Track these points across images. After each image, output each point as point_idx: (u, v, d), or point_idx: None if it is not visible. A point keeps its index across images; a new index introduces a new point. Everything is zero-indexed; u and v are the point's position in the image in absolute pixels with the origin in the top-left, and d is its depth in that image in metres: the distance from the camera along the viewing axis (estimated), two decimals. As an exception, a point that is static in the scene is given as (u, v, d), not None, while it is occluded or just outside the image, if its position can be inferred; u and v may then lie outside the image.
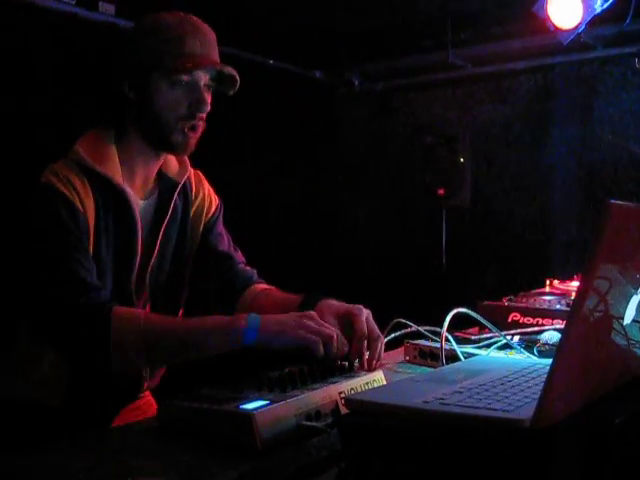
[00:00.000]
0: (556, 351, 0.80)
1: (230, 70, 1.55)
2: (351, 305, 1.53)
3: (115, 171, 1.53)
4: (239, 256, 1.79)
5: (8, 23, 3.42)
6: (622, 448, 0.77)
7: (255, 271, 1.79)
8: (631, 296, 0.99)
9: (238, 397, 1.15)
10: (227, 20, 4.29)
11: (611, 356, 0.98)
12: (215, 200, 1.79)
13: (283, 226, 4.58)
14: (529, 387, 0.96)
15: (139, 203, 1.59)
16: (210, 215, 1.76)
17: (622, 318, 0.98)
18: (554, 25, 3.04)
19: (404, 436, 0.83)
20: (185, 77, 1.51)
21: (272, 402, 1.11)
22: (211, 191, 1.79)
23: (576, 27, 3.00)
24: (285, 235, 4.54)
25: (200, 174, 1.78)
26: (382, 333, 1.66)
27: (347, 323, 1.49)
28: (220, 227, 1.79)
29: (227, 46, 4.28)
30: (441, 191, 4.11)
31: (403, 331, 1.67)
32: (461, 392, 0.93)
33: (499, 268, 4.45)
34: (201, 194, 1.75)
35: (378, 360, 1.45)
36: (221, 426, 1.10)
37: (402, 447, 0.83)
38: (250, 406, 1.09)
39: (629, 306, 0.99)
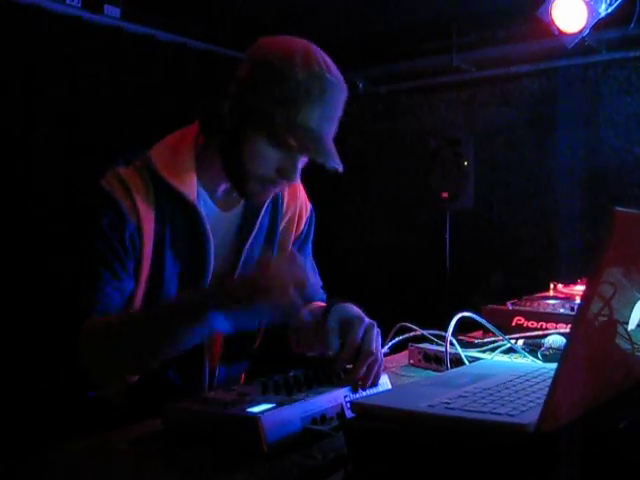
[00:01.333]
0: (561, 356, 0.81)
1: (334, 165, 1.40)
2: (358, 315, 1.41)
3: (190, 185, 1.44)
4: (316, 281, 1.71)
5: (15, 26, 3.44)
6: (625, 452, 0.77)
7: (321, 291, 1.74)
8: (636, 301, 0.99)
9: (244, 400, 1.15)
10: (232, 25, 4.31)
11: (615, 361, 0.99)
12: (306, 211, 1.68)
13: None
14: (533, 391, 0.96)
15: (219, 214, 1.50)
16: (299, 231, 1.67)
17: (627, 323, 0.98)
18: (558, 29, 3.05)
19: (410, 440, 0.84)
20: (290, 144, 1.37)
21: (278, 405, 1.12)
22: (305, 201, 1.68)
23: (580, 31, 3.00)
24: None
25: (295, 184, 1.62)
26: (387, 337, 1.67)
27: (346, 331, 1.39)
28: (308, 248, 1.70)
29: (232, 50, 4.31)
30: (445, 194, 4.11)
31: (407, 335, 1.68)
32: (466, 396, 0.94)
33: (503, 271, 4.45)
34: (292, 207, 1.64)
35: (367, 380, 1.28)
36: (227, 429, 1.10)
37: (408, 451, 0.84)
38: (256, 409, 1.10)
39: (634, 311, 0.99)
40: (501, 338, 1.59)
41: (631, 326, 1.00)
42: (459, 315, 1.53)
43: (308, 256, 1.71)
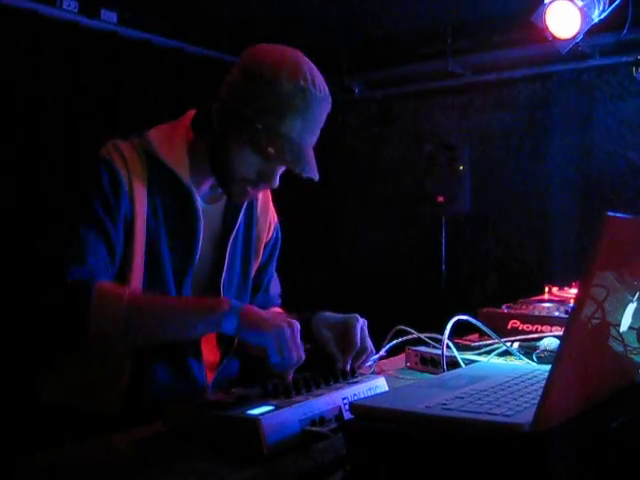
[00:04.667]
0: (555, 358, 0.83)
1: (311, 175, 1.46)
2: (347, 316, 1.53)
3: (185, 169, 1.49)
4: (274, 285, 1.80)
5: (12, 31, 3.45)
6: (618, 452, 0.79)
7: (277, 294, 1.80)
8: (627, 303, 1.01)
9: (243, 403, 1.17)
10: (229, 29, 4.34)
11: (608, 362, 1.01)
12: (274, 222, 1.76)
13: (282, 233, 4.59)
14: (528, 392, 0.98)
15: (204, 207, 1.54)
16: (269, 238, 1.74)
17: (619, 325, 1.00)
18: (552, 34, 3.07)
19: (408, 440, 0.86)
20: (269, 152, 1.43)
21: (277, 408, 1.13)
22: (273, 212, 1.75)
23: (574, 36, 3.02)
24: (284, 243, 4.55)
25: (268, 192, 1.72)
26: (384, 340, 1.70)
27: (341, 334, 1.49)
28: (275, 255, 1.78)
29: (229, 55, 4.33)
30: (441, 198, 4.13)
31: (404, 338, 1.69)
32: (462, 397, 0.95)
33: (498, 275, 4.47)
34: (264, 215, 1.71)
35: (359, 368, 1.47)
36: (227, 431, 1.12)
37: (406, 451, 0.85)
38: (256, 411, 1.11)
39: (625, 313, 1.01)
40: (497, 341, 1.61)
41: (623, 328, 1.02)
42: (455, 318, 1.55)
43: (273, 263, 1.79)
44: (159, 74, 4.12)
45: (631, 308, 1.02)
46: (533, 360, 1.53)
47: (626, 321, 1.02)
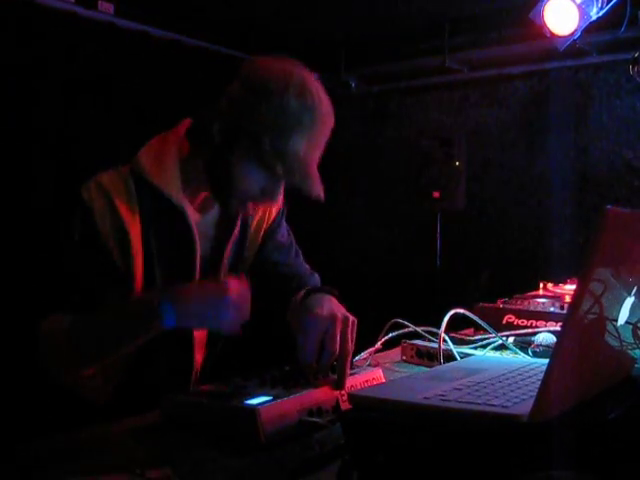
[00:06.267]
0: (553, 350, 0.83)
1: (318, 194, 1.46)
2: (333, 315, 1.36)
3: (177, 190, 1.46)
4: (298, 262, 1.74)
5: (8, 20, 3.44)
6: (615, 443, 0.80)
7: (310, 275, 1.74)
8: (624, 299, 1.02)
9: (242, 393, 1.18)
10: (227, 22, 4.33)
11: (605, 356, 1.02)
12: (276, 208, 1.71)
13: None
14: (526, 385, 0.99)
15: (197, 218, 1.53)
16: (270, 222, 1.70)
17: (615, 320, 1.01)
18: (550, 31, 3.08)
19: (406, 430, 0.87)
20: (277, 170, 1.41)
21: (275, 398, 1.14)
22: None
23: (572, 34, 3.03)
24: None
25: None
26: (379, 333, 1.70)
27: (323, 330, 1.35)
28: (280, 236, 1.73)
29: (226, 47, 4.32)
30: (436, 194, 4.13)
31: (400, 331, 1.70)
32: (460, 389, 0.96)
33: (493, 271, 4.48)
34: (262, 209, 1.68)
35: (342, 380, 1.27)
36: (225, 421, 1.13)
37: (404, 441, 0.86)
38: (254, 401, 1.12)
39: (622, 308, 1.02)
40: (492, 335, 1.62)
41: (620, 323, 1.03)
42: (452, 312, 1.56)
43: (281, 243, 1.73)
44: (156, 65, 4.11)
45: (628, 303, 1.03)
46: (529, 354, 1.54)
47: (623, 316, 1.03)
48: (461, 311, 1.57)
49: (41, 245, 1.48)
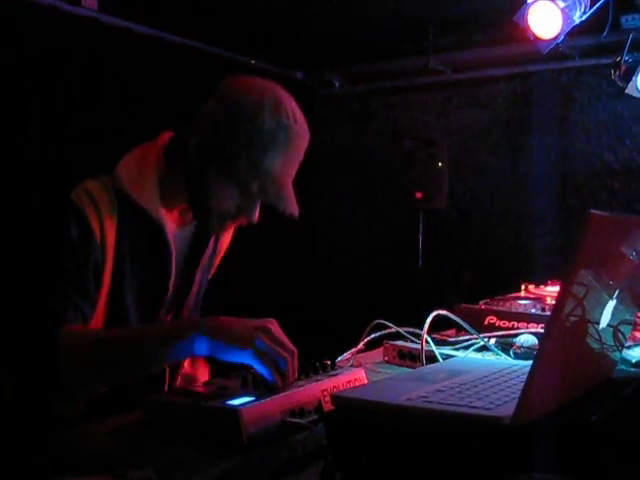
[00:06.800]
0: (537, 352, 0.84)
1: (292, 211, 1.45)
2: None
3: (155, 204, 1.45)
4: None
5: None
6: (598, 444, 0.81)
7: None
8: (606, 302, 1.03)
9: (224, 394, 1.17)
10: (211, 20, 4.31)
11: (586, 358, 1.02)
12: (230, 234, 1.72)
13: (260, 226, 4.59)
14: (508, 387, 0.99)
15: (175, 232, 1.52)
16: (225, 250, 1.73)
17: (597, 323, 1.02)
18: (534, 34, 3.09)
19: (389, 432, 0.87)
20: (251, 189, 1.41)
21: (258, 398, 1.14)
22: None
23: (555, 37, 3.04)
24: (261, 236, 4.55)
25: None
26: (361, 334, 1.70)
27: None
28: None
29: (210, 45, 4.31)
30: (419, 194, 4.15)
31: (382, 332, 1.70)
32: (443, 391, 0.97)
33: (474, 272, 4.51)
34: (224, 246, 1.72)
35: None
36: (207, 422, 1.12)
37: (387, 442, 0.86)
38: (236, 402, 1.12)
39: (604, 311, 1.03)
40: (474, 337, 1.63)
41: (601, 326, 1.03)
42: (434, 313, 1.56)
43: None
44: (139, 63, 4.09)
45: (610, 307, 1.03)
46: (510, 356, 1.55)
47: (605, 319, 1.03)
48: (443, 312, 1.57)
49: (34, 245, 1.42)
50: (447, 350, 1.61)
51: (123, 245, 1.43)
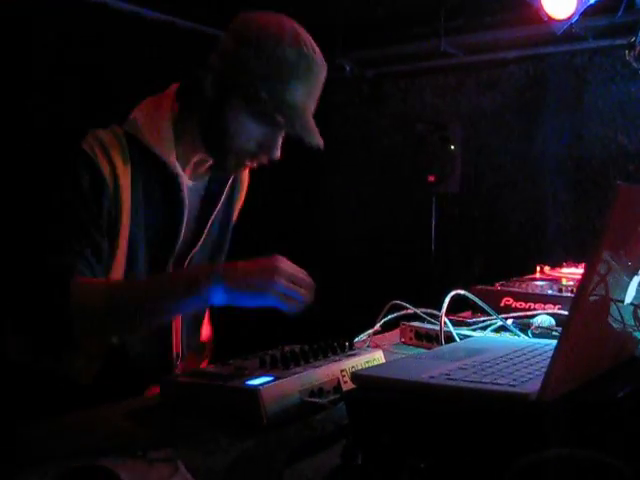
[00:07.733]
0: (562, 328, 0.83)
1: (318, 143, 1.43)
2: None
3: (170, 152, 1.43)
4: None
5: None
6: (623, 421, 0.80)
7: None
8: (630, 279, 1.01)
9: (242, 374, 1.16)
10: (221, 4, 4.28)
11: (609, 336, 1.01)
12: (245, 184, 1.72)
13: (272, 211, 4.59)
14: (530, 364, 0.98)
15: (189, 185, 1.50)
16: (240, 206, 1.73)
17: (621, 301, 1.00)
18: (547, 15, 3.05)
19: (412, 410, 0.86)
20: (278, 121, 1.39)
21: (277, 378, 1.13)
22: (247, 176, 1.71)
23: (569, 17, 3.00)
24: (274, 220, 4.55)
25: (245, 179, 1.71)
26: (377, 315, 1.69)
27: None
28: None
29: (221, 30, 4.28)
30: (431, 178, 4.14)
31: (399, 313, 1.69)
32: (465, 368, 0.95)
33: (488, 254, 4.49)
34: (244, 183, 1.71)
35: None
36: (226, 402, 1.11)
37: (410, 421, 0.85)
38: (256, 382, 1.11)
39: (629, 289, 1.01)
40: (491, 317, 1.61)
41: (625, 303, 1.02)
42: (453, 292, 1.55)
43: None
44: (148, 47, 4.07)
45: (634, 284, 1.02)
46: (528, 336, 1.54)
47: (629, 297, 1.02)
48: (462, 292, 1.56)
49: (45, 196, 1.40)
50: (464, 330, 1.59)
51: (137, 193, 1.42)
